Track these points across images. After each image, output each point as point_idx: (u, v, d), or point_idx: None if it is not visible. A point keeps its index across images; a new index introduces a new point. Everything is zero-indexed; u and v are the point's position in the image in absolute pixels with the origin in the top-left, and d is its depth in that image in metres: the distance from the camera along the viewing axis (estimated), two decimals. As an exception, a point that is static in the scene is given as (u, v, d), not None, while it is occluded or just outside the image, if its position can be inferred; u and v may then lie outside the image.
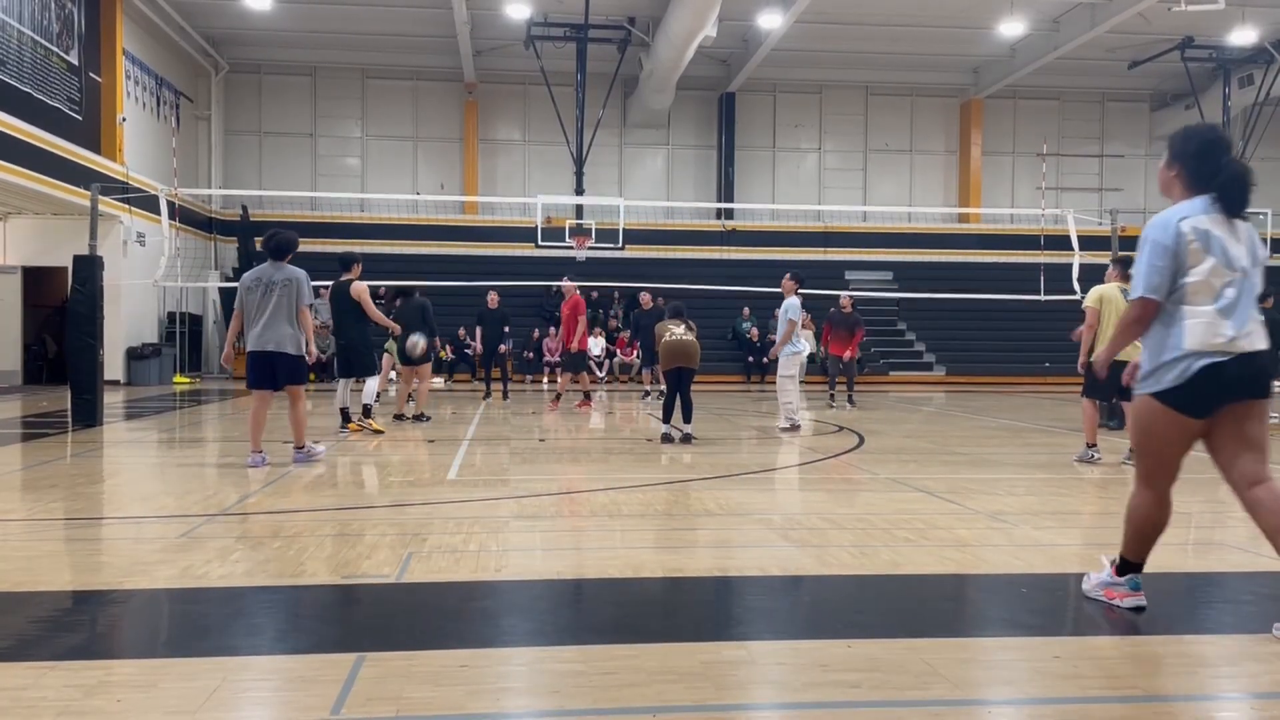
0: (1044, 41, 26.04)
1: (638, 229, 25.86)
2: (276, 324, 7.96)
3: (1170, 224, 3.72)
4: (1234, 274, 3.68)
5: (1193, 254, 3.67)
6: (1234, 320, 3.64)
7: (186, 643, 3.61)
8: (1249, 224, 3.83)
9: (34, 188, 17.25)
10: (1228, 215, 3.74)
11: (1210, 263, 3.66)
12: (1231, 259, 3.68)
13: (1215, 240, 3.68)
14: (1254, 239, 3.81)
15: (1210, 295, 3.65)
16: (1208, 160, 3.78)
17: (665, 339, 10.18)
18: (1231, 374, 3.63)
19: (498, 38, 25.83)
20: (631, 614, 4.06)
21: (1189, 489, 7.32)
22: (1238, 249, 3.71)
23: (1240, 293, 3.68)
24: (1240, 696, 3.15)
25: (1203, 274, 3.66)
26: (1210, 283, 3.66)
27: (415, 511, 6.07)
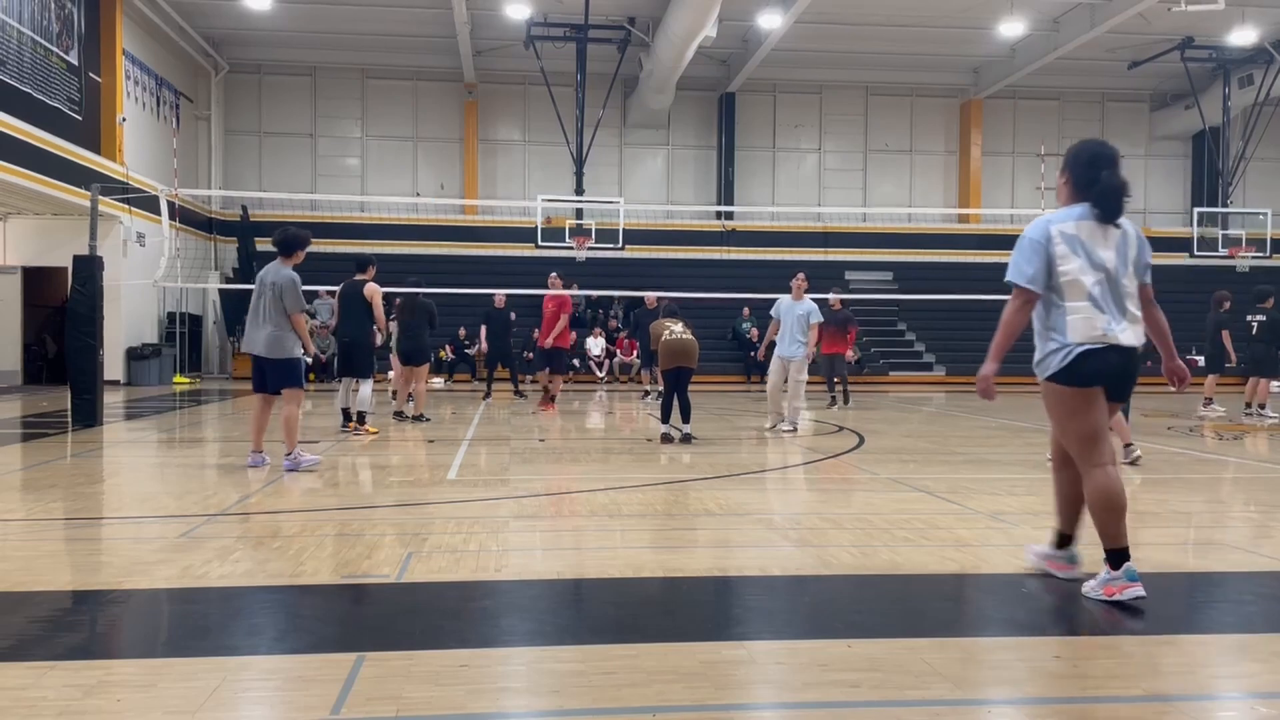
0: (1044, 42, 26.05)
1: (638, 229, 25.87)
2: (260, 326, 7.89)
3: (1043, 226, 4.19)
4: (1099, 274, 4.10)
5: (1060, 255, 4.11)
6: (1107, 314, 4.08)
7: (186, 643, 3.61)
8: (1126, 230, 4.21)
9: (34, 188, 17.25)
10: (1101, 222, 4.15)
11: (1078, 263, 4.10)
12: (1097, 261, 4.11)
13: (1081, 243, 4.11)
14: (1128, 244, 4.19)
15: (1080, 292, 4.09)
16: (1090, 171, 4.21)
17: (664, 338, 10.12)
18: (1112, 360, 4.07)
19: (498, 38, 25.83)
20: (631, 614, 4.06)
21: (1189, 489, 7.33)
22: (1106, 252, 4.13)
23: (1105, 290, 4.10)
24: (1240, 696, 3.15)
25: (1073, 272, 4.10)
26: (1080, 280, 4.09)
27: (415, 511, 6.07)
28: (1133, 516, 6.28)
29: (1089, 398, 4.10)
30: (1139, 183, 31.57)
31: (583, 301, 25.99)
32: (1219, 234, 27.94)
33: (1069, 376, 4.10)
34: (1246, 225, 28.05)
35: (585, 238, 23.48)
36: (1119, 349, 4.07)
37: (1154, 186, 31.76)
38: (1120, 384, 4.15)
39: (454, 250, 27.16)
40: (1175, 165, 31.83)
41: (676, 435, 9.99)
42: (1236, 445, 10.53)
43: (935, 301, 24.47)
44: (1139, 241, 4.25)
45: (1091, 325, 4.06)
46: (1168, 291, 28.27)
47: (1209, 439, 11.21)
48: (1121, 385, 4.16)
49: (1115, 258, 4.13)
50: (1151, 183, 31.78)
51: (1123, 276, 4.14)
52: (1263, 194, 29.48)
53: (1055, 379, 4.15)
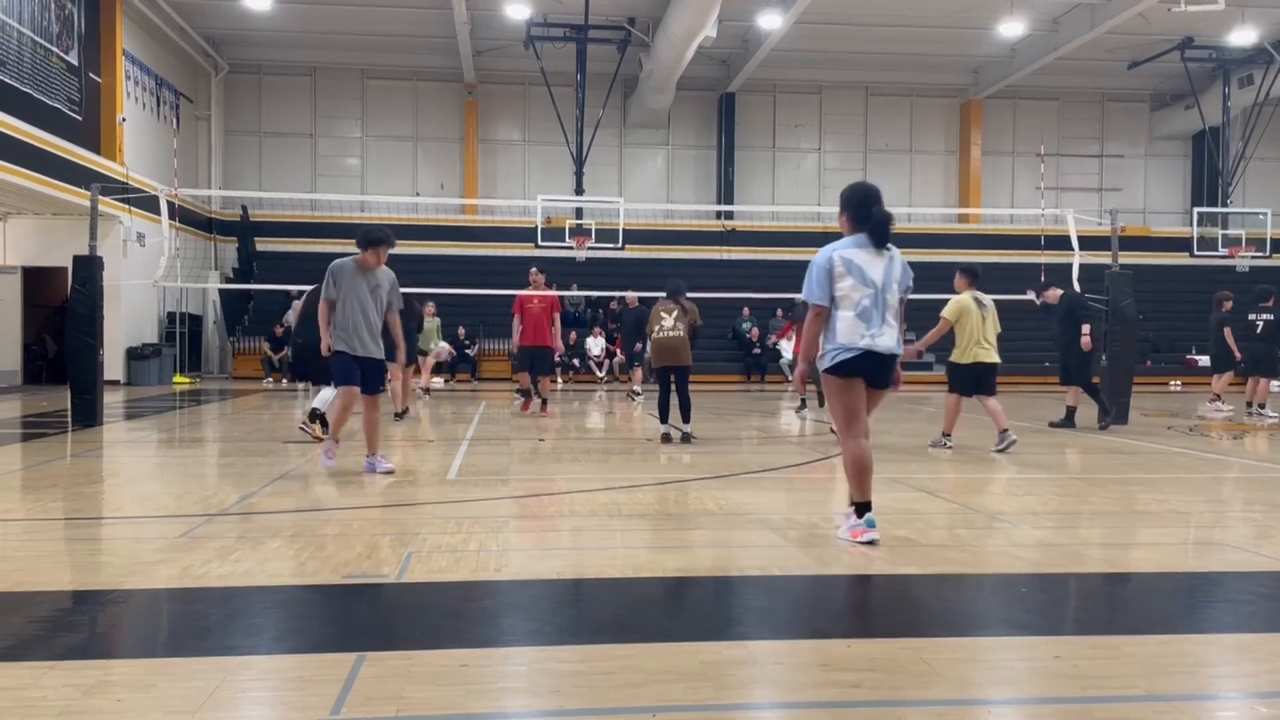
0: (1044, 42, 26.04)
1: (638, 229, 25.87)
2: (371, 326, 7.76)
3: (827, 253, 5.17)
4: (869, 290, 5.08)
5: (838, 275, 5.09)
6: (867, 323, 5.08)
7: (186, 643, 3.61)
8: (893, 255, 5.19)
9: (34, 188, 17.25)
10: (875, 248, 5.13)
11: (850, 281, 5.07)
12: (868, 279, 5.08)
13: (855, 266, 5.09)
14: (893, 266, 5.17)
15: (851, 305, 5.07)
16: (863, 209, 5.20)
17: (655, 334, 9.85)
18: (861, 363, 5.10)
19: (498, 38, 25.83)
20: (631, 614, 4.06)
21: (1188, 489, 7.33)
22: (875, 272, 5.10)
23: (873, 304, 5.08)
24: (1240, 696, 3.15)
25: (845, 289, 5.07)
26: (850, 295, 5.07)
27: (415, 511, 6.07)
28: (1132, 516, 6.30)
29: (850, 386, 5.16)
30: (1139, 183, 31.58)
31: (583, 301, 26.00)
32: (1219, 234, 27.94)
33: (836, 370, 5.15)
34: (1246, 225, 28.04)
35: (585, 238, 23.48)
36: (871, 355, 5.08)
37: (1154, 186, 31.75)
38: (877, 376, 5.18)
39: (454, 250, 27.16)
40: (1175, 165, 31.82)
41: (676, 435, 9.94)
42: (1236, 445, 10.53)
43: (935, 301, 24.41)
44: (902, 265, 5.24)
45: (854, 332, 5.06)
46: (1168, 291, 28.42)
47: (1211, 438, 11.21)
48: (879, 376, 5.19)
49: (883, 277, 5.10)
50: (1151, 183, 31.77)
51: (887, 293, 5.12)
52: (1263, 194, 29.48)
53: (828, 371, 5.18)
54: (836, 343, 5.13)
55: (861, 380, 5.14)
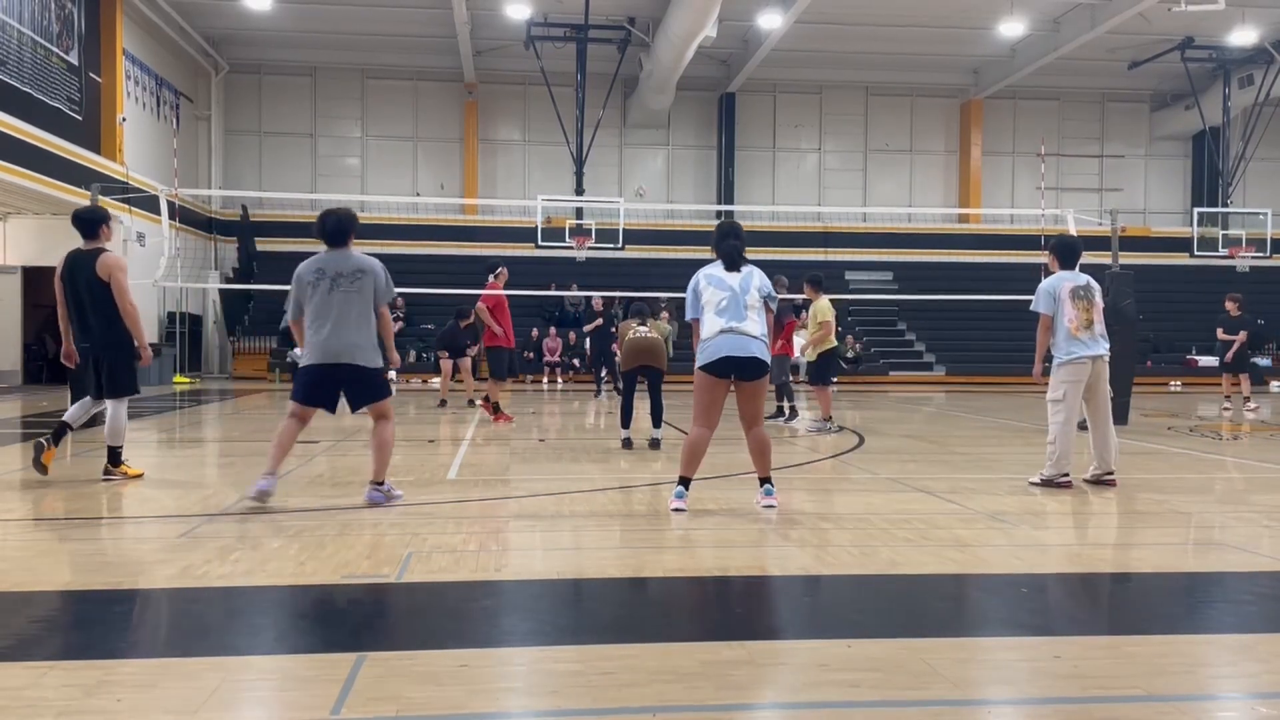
0: (1044, 42, 26.05)
1: (638, 229, 25.87)
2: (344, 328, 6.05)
3: (695, 276, 6.25)
4: (725, 293, 6.07)
5: (705, 289, 6.15)
6: (724, 317, 6.00)
7: (186, 643, 3.60)
8: (747, 270, 6.17)
9: (34, 188, 17.25)
10: (726, 269, 6.17)
11: (712, 289, 6.12)
12: (725, 286, 6.10)
13: (715, 278, 6.15)
14: (748, 279, 6.13)
15: (713, 307, 6.06)
16: (720, 241, 6.26)
17: (628, 338, 9.60)
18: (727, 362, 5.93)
19: (498, 38, 25.83)
20: (631, 614, 4.06)
21: (1188, 490, 7.33)
22: (732, 281, 6.12)
23: (729, 304, 6.02)
24: (1240, 696, 3.15)
25: (710, 297, 6.11)
26: (712, 299, 6.09)
27: (415, 511, 6.06)
28: (1132, 516, 6.30)
29: (720, 387, 6.05)
30: (1139, 183, 31.57)
31: (583, 301, 26.00)
32: (1219, 234, 27.94)
33: (708, 368, 6.01)
34: (1246, 225, 28.04)
35: (585, 238, 23.49)
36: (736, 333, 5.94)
37: (1154, 186, 31.76)
38: (739, 368, 5.96)
39: (454, 250, 27.15)
40: (1175, 165, 31.82)
41: (637, 441, 9.63)
42: (1236, 445, 10.53)
43: (935, 301, 24.47)
44: (760, 276, 6.23)
45: (715, 326, 6.00)
46: (1168, 291, 28.42)
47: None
48: (740, 368, 5.97)
49: (738, 285, 6.09)
50: (1151, 183, 31.78)
51: (744, 295, 6.06)
52: (1263, 194, 29.47)
53: (703, 369, 6.04)
54: (704, 336, 6.06)
55: (726, 379, 6.02)
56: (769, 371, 6.19)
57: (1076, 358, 7.03)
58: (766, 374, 6.11)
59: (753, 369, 5.97)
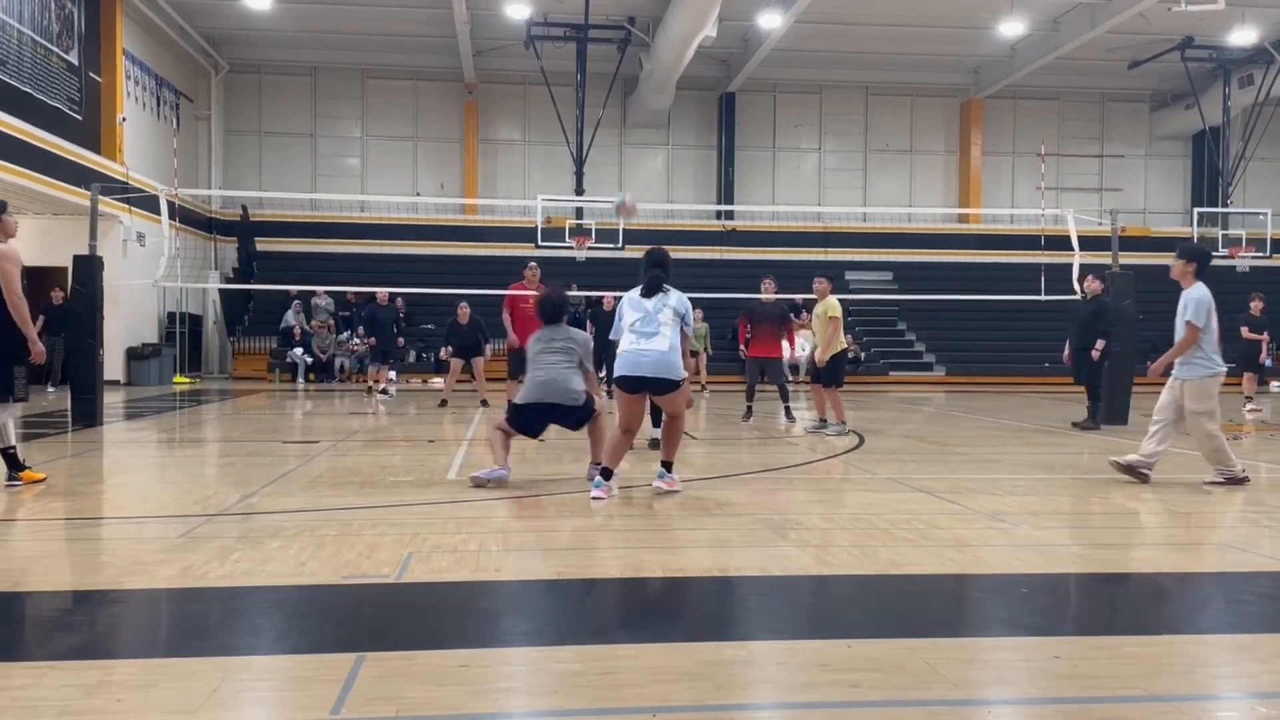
0: (1044, 42, 26.04)
1: (638, 229, 25.83)
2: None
3: (623, 299, 7.01)
4: (639, 314, 6.80)
5: (626, 312, 6.88)
6: (637, 335, 6.73)
7: (186, 643, 3.61)
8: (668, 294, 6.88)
9: (34, 188, 17.25)
10: (644, 296, 6.88)
11: (630, 310, 6.85)
12: (640, 308, 6.83)
13: (635, 302, 6.88)
14: (667, 301, 6.83)
15: (629, 324, 6.78)
16: (647, 271, 6.95)
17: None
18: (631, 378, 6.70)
19: (498, 38, 25.83)
20: (631, 614, 4.06)
21: (1187, 491, 7.32)
22: (648, 305, 6.83)
23: (643, 322, 6.75)
24: (1240, 696, 3.15)
25: (628, 317, 6.83)
26: (630, 319, 6.81)
27: (415, 511, 6.07)
28: (1132, 516, 6.30)
29: (635, 399, 6.78)
30: (1139, 183, 31.56)
31: (582, 301, 26.00)
32: (1219, 234, 27.93)
33: (620, 384, 6.76)
34: (1246, 225, 28.04)
35: (585, 238, 23.48)
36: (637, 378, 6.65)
37: (1154, 186, 31.75)
38: (649, 386, 6.70)
39: (454, 250, 27.13)
40: (1175, 165, 31.81)
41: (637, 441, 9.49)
42: (1236, 445, 10.52)
43: (935, 301, 24.46)
44: (678, 299, 6.88)
45: (629, 343, 6.73)
46: (1168, 291, 28.16)
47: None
48: (650, 386, 6.69)
49: (653, 307, 6.79)
50: (1151, 183, 31.77)
51: (658, 314, 6.75)
52: (1263, 194, 29.46)
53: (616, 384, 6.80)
54: (619, 353, 6.81)
55: (641, 394, 6.77)
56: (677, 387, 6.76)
57: (1220, 372, 7.34)
58: (675, 389, 6.74)
59: (656, 386, 6.71)
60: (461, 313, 15.28)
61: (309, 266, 25.72)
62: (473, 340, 15.28)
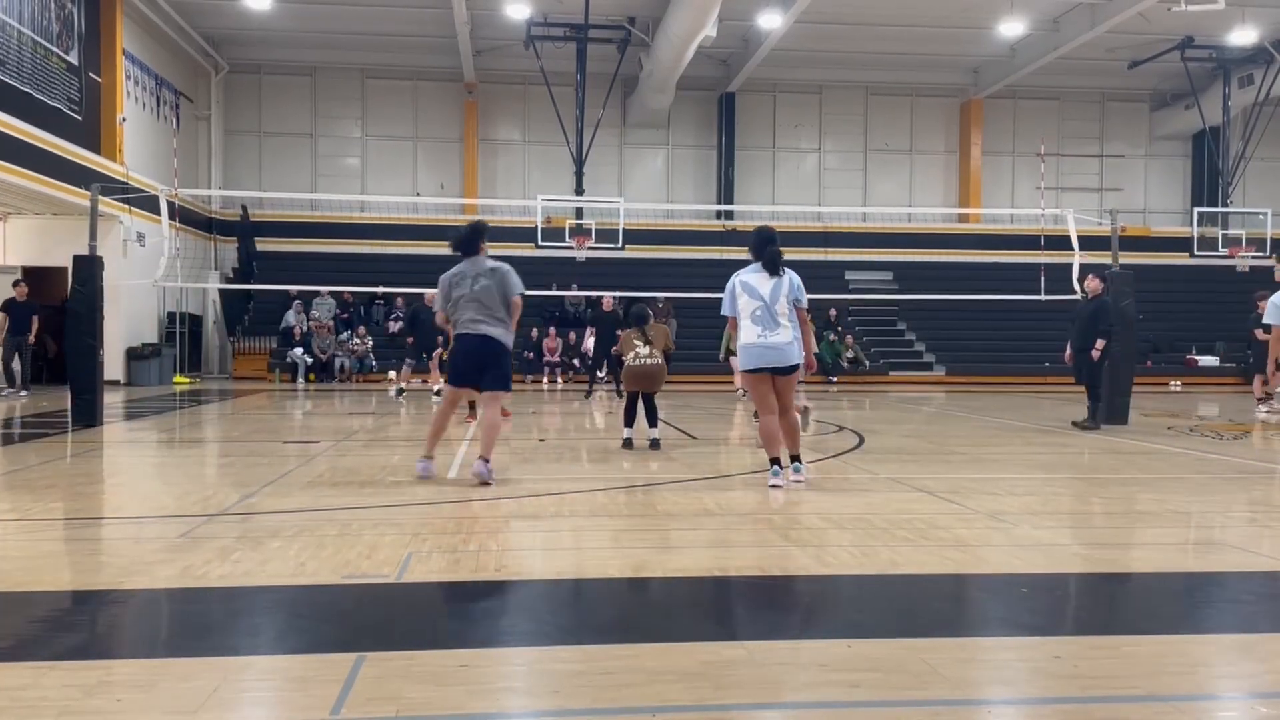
0: (1044, 41, 26.04)
1: (637, 229, 25.85)
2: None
3: (732, 279, 7.17)
4: (758, 303, 6.96)
5: (740, 294, 7.04)
6: (760, 326, 6.94)
7: (186, 643, 3.61)
8: (784, 276, 7.02)
9: (34, 188, 17.24)
10: (770, 274, 7.04)
11: (745, 298, 7.01)
12: (757, 295, 6.98)
13: (750, 286, 7.03)
14: (781, 285, 6.99)
15: (750, 314, 6.97)
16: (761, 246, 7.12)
17: (630, 361, 9.42)
18: (761, 354, 6.94)
19: (498, 38, 25.83)
20: (631, 614, 4.06)
21: (1190, 489, 7.33)
22: (764, 289, 6.98)
23: (764, 313, 6.93)
24: (1240, 696, 3.15)
25: (746, 305, 6.99)
26: (749, 307, 6.97)
27: (415, 511, 6.07)
28: (1132, 516, 6.30)
29: (766, 381, 7.02)
30: (1139, 183, 31.57)
31: (583, 301, 26.00)
32: (1219, 234, 27.94)
33: (750, 368, 7.02)
34: (1246, 225, 28.04)
35: (585, 238, 23.48)
36: (770, 347, 6.92)
37: (1154, 186, 31.75)
38: (777, 369, 6.96)
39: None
40: (1175, 165, 31.81)
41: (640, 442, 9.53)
42: (1236, 445, 10.53)
43: (935, 301, 24.46)
44: (790, 282, 7.03)
45: (753, 333, 6.94)
46: (1168, 291, 28.41)
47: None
48: (778, 369, 6.96)
49: (770, 293, 6.96)
50: (1151, 183, 31.76)
51: (775, 304, 6.92)
52: (1263, 194, 29.46)
53: (745, 369, 7.08)
54: (743, 342, 7.01)
55: (767, 374, 6.97)
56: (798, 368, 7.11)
57: None
58: (797, 369, 7.09)
59: (782, 369, 6.99)
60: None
61: (309, 266, 25.72)
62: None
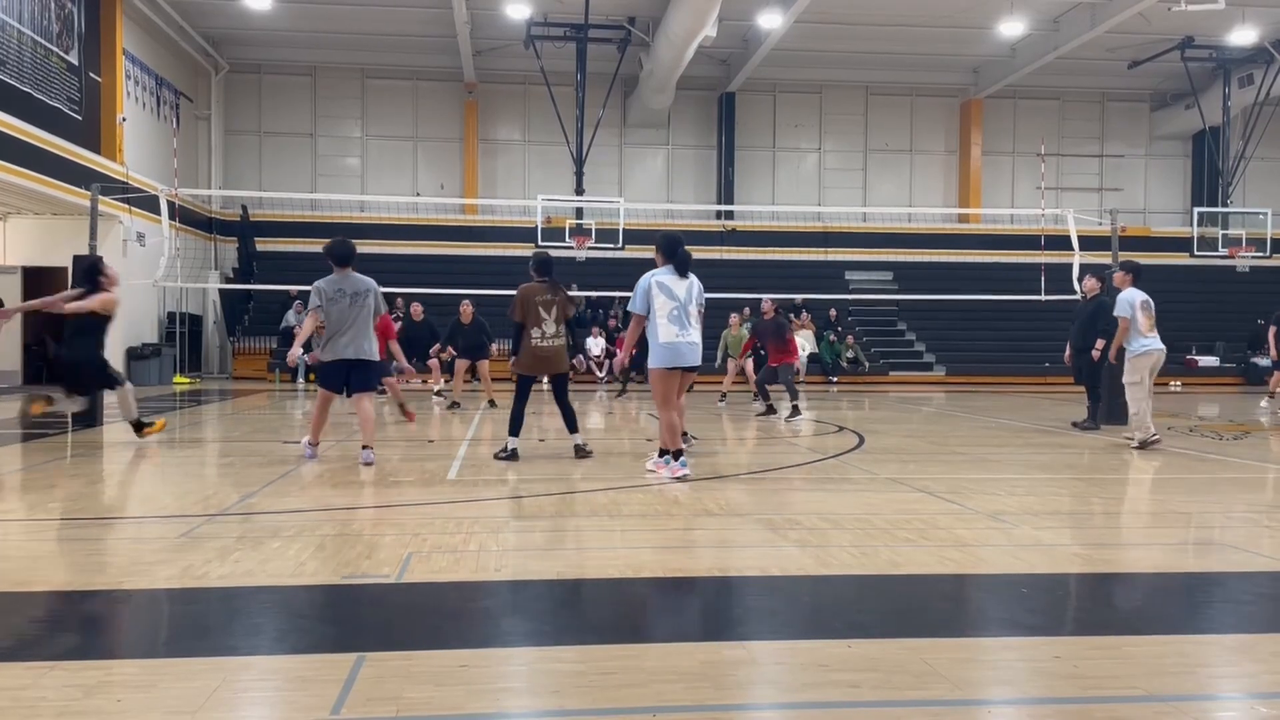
0: (1044, 41, 26.05)
1: (638, 229, 25.85)
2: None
3: (647, 278, 7.50)
4: (674, 303, 7.40)
5: (657, 294, 7.42)
6: (677, 325, 7.38)
7: (186, 643, 3.61)
8: (692, 280, 7.55)
9: (34, 188, 17.25)
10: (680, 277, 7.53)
11: (662, 298, 7.41)
12: (674, 296, 7.43)
13: (666, 287, 7.45)
14: (692, 288, 7.54)
15: (665, 314, 7.38)
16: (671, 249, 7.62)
17: (532, 343, 8.39)
18: (680, 353, 7.40)
19: (498, 38, 25.83)
20: (631, 614, 4.06)
21: (1189, 489, 7.33)
22: (679, 292, 7.46)
23: (680, 313, 7.40)
24: (1240, 696, 3.15)
25: (661, 303, 7.39)
26: (666, 306, 7.39)
27: (415, 511, 6.07)
28: (1132, 516, 6.30)
29: (671, 376, 7.47)
30: (1139, 183, 31.57)
31: (583, 301, 26.01)
32: (1219, 234, 27.94)
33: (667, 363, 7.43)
34: (1246, 225, 28.04)
35: (585, 237, 23.48)
36: (686, 345, 7.42)
37: (1154, 186, 31.75)
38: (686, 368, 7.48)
39: (454, 250, 27.15)
40: (1175, 165, 31.82)
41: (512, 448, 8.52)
42: (1237, 445, 10.53)
43: (935, 301, 24.46)
44: (698, 285, 7.60)
45: (670, 333, 7.37)
46: (1168, 291, 28.34)
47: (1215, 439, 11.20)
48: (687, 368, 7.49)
49: (685, 294, 7.46)
50: (1151, 183, 31.77)
51: (689, 305, 7.45)
52: (1263, 194, 29.47)
53: (657, 364, 7.44)
54: (659, 341, 7.33)
55: (679, 372, 7.47)
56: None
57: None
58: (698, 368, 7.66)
59: (694, 369, 7.59)
60: (464, 311, 15.15)
61: (309, 266, 25.66)
62: (477, 341, 15.19)
